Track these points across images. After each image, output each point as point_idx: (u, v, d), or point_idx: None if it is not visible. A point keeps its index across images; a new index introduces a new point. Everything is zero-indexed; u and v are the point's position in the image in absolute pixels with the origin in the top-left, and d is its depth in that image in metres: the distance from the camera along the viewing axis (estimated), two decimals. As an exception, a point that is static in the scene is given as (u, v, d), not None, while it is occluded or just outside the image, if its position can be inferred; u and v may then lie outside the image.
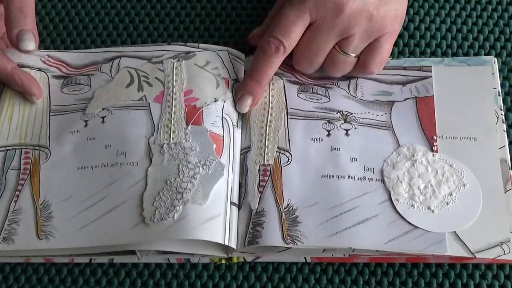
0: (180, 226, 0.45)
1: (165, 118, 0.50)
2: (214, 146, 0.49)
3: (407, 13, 0.56)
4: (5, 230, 0.47)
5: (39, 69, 0.54)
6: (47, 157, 0.50)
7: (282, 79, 0.53)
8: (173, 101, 0.51)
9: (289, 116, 0.52)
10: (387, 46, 0.50)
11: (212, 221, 0.46)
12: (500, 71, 0.53)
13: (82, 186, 0.48)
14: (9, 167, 0.50)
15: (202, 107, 0.51)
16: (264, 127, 0.51)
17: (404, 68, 0.54)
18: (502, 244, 0.45)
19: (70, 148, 0.50)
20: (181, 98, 0.51)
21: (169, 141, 0.49)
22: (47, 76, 0.54)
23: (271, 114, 0.52)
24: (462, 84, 0.52)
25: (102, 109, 0.52)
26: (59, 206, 0.48)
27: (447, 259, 0.47)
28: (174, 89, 0.52)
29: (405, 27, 0.57)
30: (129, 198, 0.47)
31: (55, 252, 0.47)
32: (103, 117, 0.51)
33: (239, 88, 0.52)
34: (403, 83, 0.53)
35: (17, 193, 0.49)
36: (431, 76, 0.53)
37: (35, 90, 0.52)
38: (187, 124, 0.50)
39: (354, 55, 0.50)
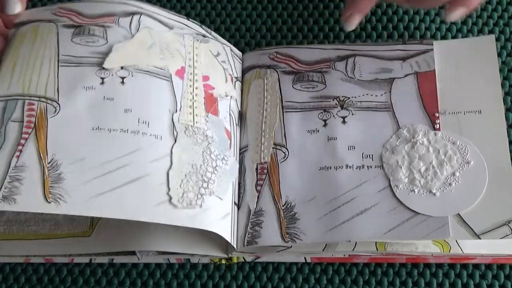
0: (204, 216, 0.44)
1: (187, 97, 0.48)
2: (228, 141, 0.48)
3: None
4: (5, 188, 0.41)
5: (48, 21, 0.49)
6: (56, 111, 0.45)
7: (276, 71, 0.52)
8: (195, 82, 0.49)
9: (284, 110, 0.50)
10: None
11: (226, 218, 0.45)
12: (500, 70, 0.53)
13: (97, 148, 0.44)
14: (9, 118, 0.44)
15: (218, 98, 0.49)
16: (260, 124, 0.50)
17: (404, 42, 0.52)
18: (509, 222, 0.43)
19: (84, 105, 0.45)
20: (201, 82, 0.49)
21: (193, 123, 0.47)
22: (56, 25, 0.48)
23: (266, 110, 0.51)
24: (464, 56, 0.50)
25: (121, 68, 0.47)
26: (71, 167, 0.43)
27: (447, 259, 0.47)
28: (195, 70, 0.49)
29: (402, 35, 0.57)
30: (153, 172, 0.44)
31: (68, 216, 0.45)
32: (122, 78, 0.47)
33: (348, 7, 0.49)
34: (403, 58, 0.51)
35: (19, 147, 0.43)
36: (432, 49, 0.51)
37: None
38: (206, 112, 0.48)
39: None
